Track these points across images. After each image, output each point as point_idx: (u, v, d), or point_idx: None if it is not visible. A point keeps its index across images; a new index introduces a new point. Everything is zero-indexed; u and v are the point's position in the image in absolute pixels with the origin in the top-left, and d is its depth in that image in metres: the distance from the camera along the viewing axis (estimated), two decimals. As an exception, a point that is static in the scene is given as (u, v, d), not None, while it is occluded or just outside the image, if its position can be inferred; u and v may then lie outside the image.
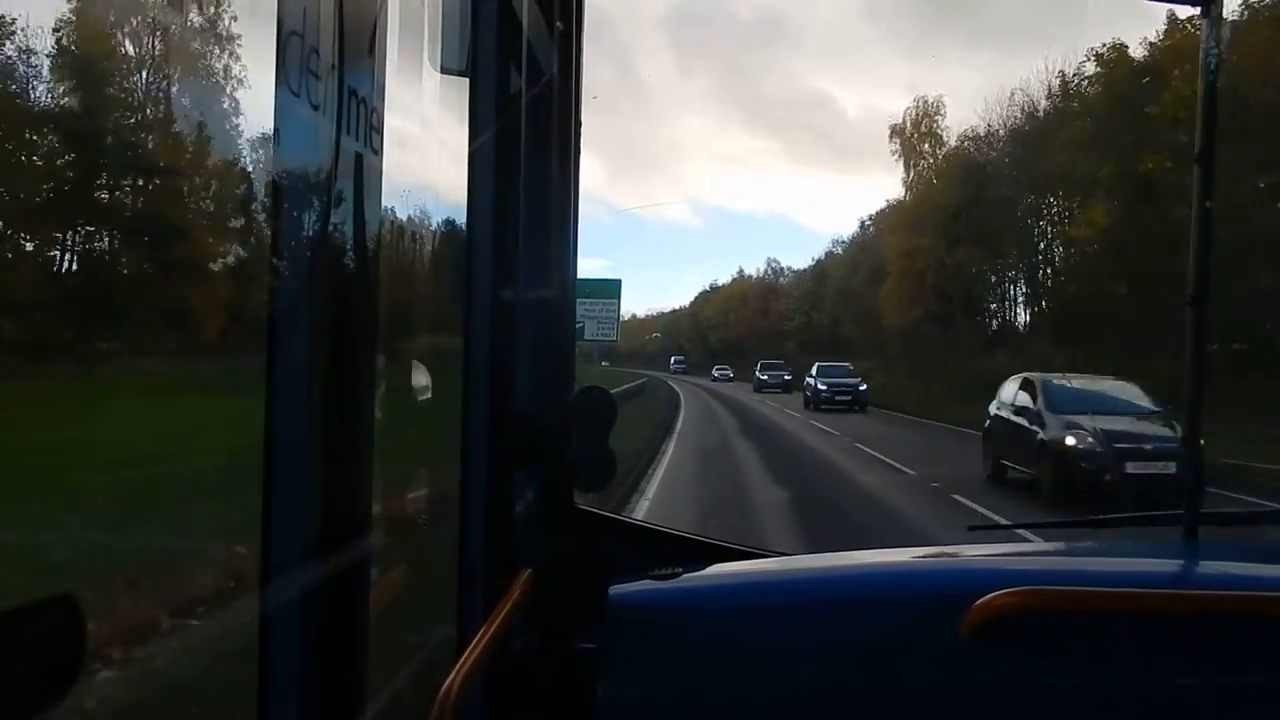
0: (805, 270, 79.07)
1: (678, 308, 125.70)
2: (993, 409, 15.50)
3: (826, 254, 72.89)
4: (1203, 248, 2.09)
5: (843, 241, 67.75)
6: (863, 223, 61.86)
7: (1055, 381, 14.78)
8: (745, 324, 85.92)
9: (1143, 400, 14.08)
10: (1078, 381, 15.24)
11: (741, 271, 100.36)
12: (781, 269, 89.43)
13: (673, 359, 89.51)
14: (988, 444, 15.40)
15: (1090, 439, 12.64)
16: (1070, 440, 12.73)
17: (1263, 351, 22.83)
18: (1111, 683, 1.70)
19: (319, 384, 1.02)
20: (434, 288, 2.41)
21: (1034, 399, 14.07)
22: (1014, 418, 14.41)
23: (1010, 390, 15.21)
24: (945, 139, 49.00)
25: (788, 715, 1.79)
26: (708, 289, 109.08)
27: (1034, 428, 13.54)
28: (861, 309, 53.44)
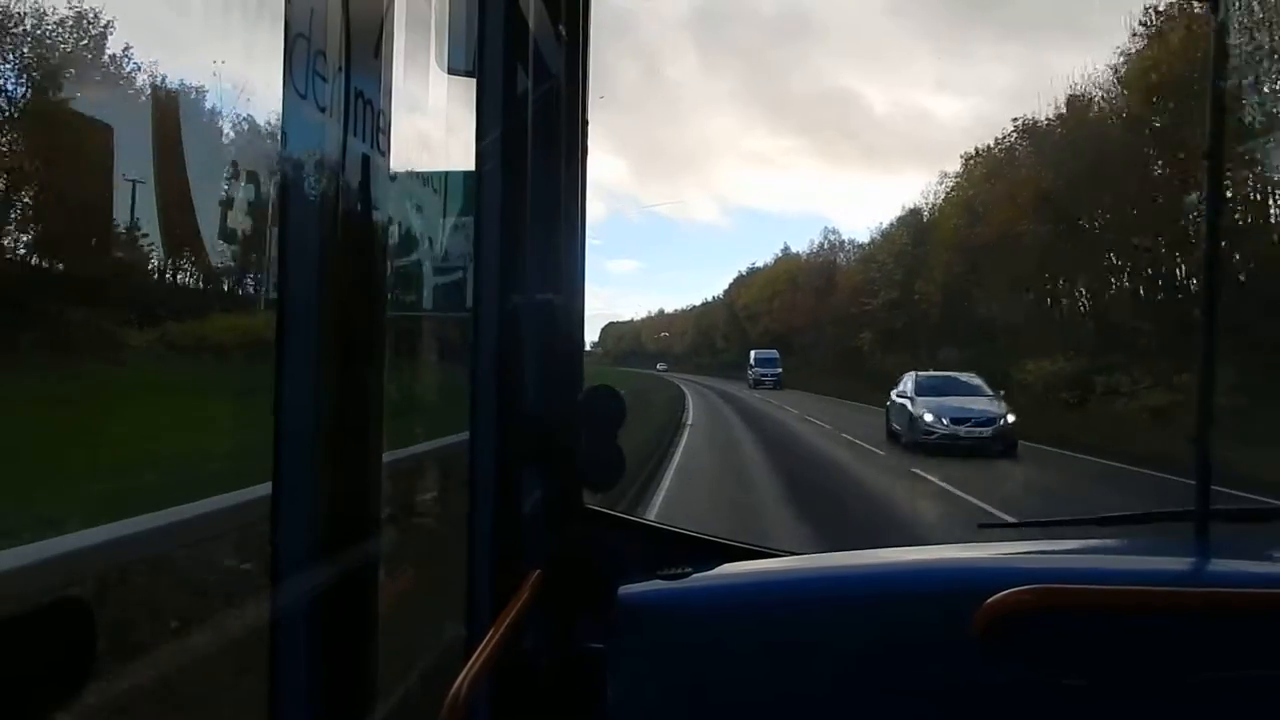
0: (886, 229, 51.94)
1: (709, 299, 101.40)
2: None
3: (911, 210, 48.54)
4: (1213, 250, 2.08)
5: (953, 176, 43.67)
6: (967, 157, 42.14)
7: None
8: (797, 311, 64.84)
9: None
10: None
11: (787, 248, 78.21)
12: (842, 242, 66.43)
13: (754, 357, 52.45)
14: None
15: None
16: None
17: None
18: (1123, 680, 1.69)
19: (328, 384, 1.03)
20: (442, 287, 2.42)
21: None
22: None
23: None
24: None
25: (797, 715, 1.78)
26: (744, 272, 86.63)
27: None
28: (1021, 266, 32.96)
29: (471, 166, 1.66)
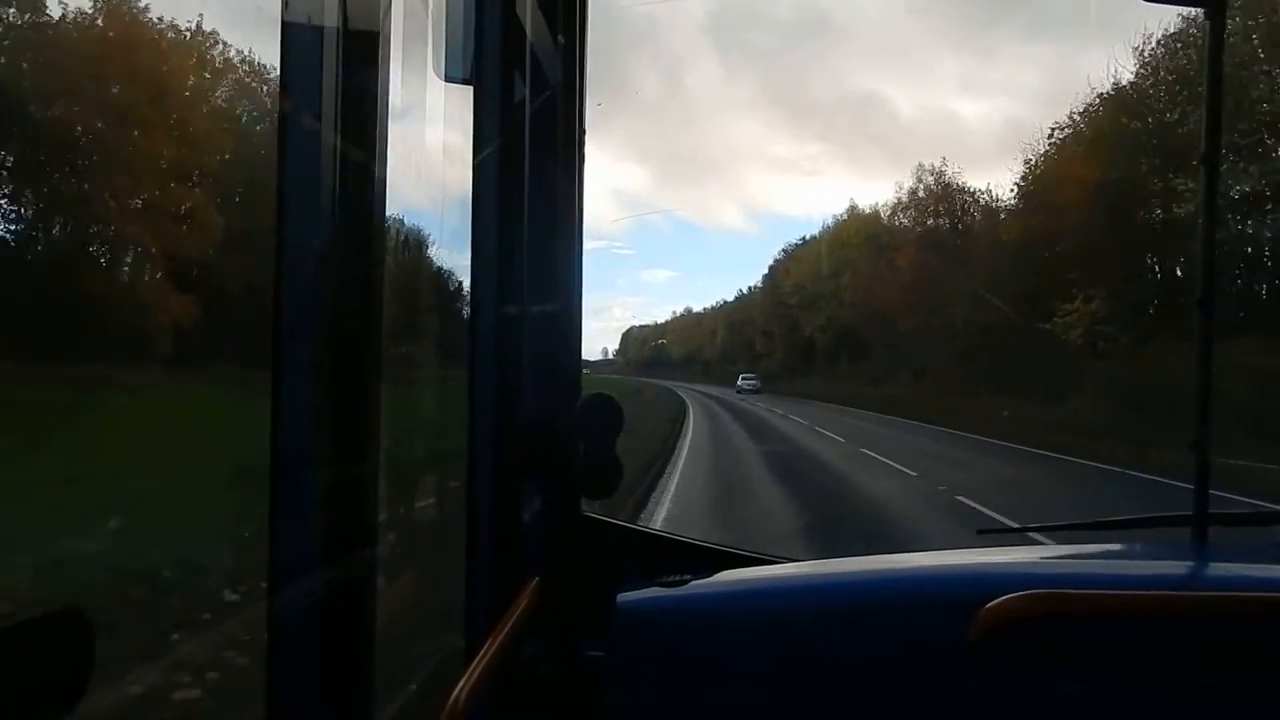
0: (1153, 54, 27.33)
1: (743, 290, 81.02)
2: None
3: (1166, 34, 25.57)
4: (1210, 249, 2.08)
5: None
6: None
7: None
8: (884, 286, 41.26)
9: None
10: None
11: (854, 206, 54.05)
12: (953, 183, 41.63)
13: None
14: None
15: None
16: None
17: None
18: (1123, 686, 1.69)
19: (325, 393, 1.03)
20: (440, 297, 2.42)
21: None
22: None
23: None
24: None
25: None
26: (792, 245, 64.72)
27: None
28: None
29: (469, 175, 1.66)
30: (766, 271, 70.64)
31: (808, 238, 63.39)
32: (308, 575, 0.99)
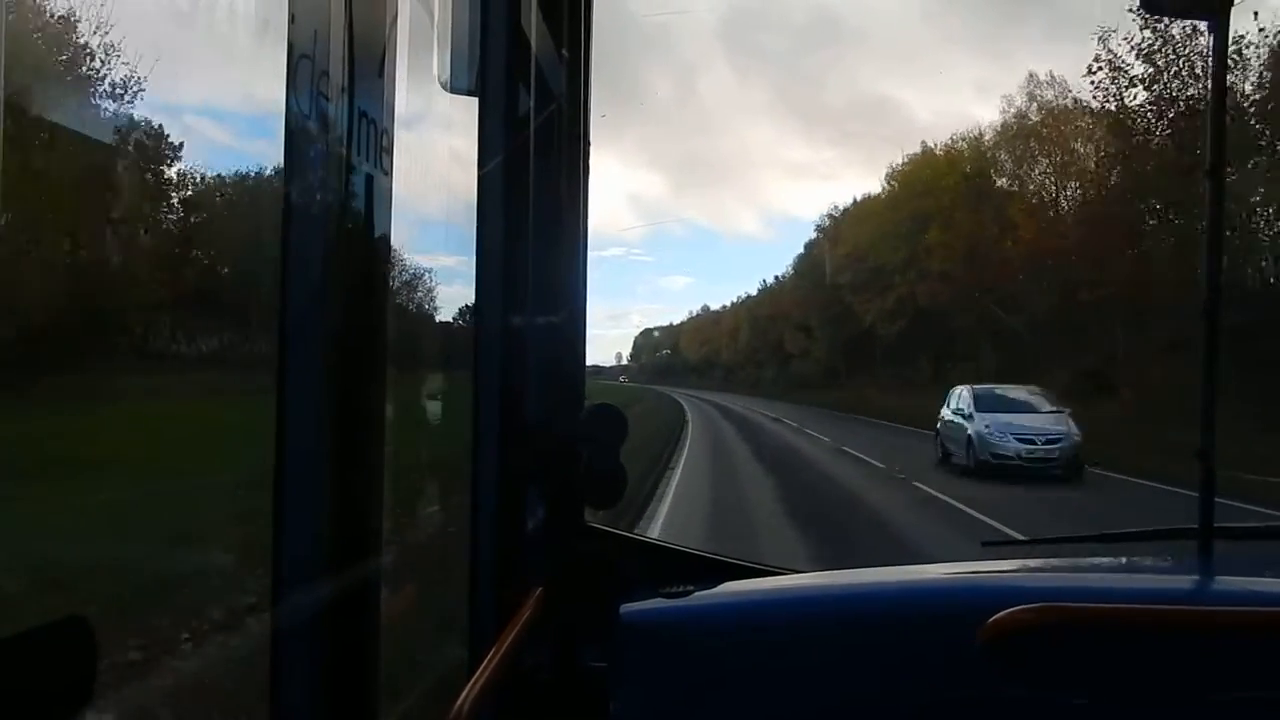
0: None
1: (767, 282, 68.03)
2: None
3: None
4: (1215, 259, 2.08)
5: None
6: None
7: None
8: (995, 243, 28.28)
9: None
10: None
11: (925, 145, 40.79)
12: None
13: None
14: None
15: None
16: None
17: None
18: (1127, 698, 1.68)
19: (331, 403, 1.03)
20: (445, 306, 2.43)
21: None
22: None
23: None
24: None
25: None
26: (842, 208, 48.96)
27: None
28: None
29: (474, 185, 1.67)
30: (802, 251, 53.50)
31: (859, 198, 45.34)
32: (312, 583, 1.00)
